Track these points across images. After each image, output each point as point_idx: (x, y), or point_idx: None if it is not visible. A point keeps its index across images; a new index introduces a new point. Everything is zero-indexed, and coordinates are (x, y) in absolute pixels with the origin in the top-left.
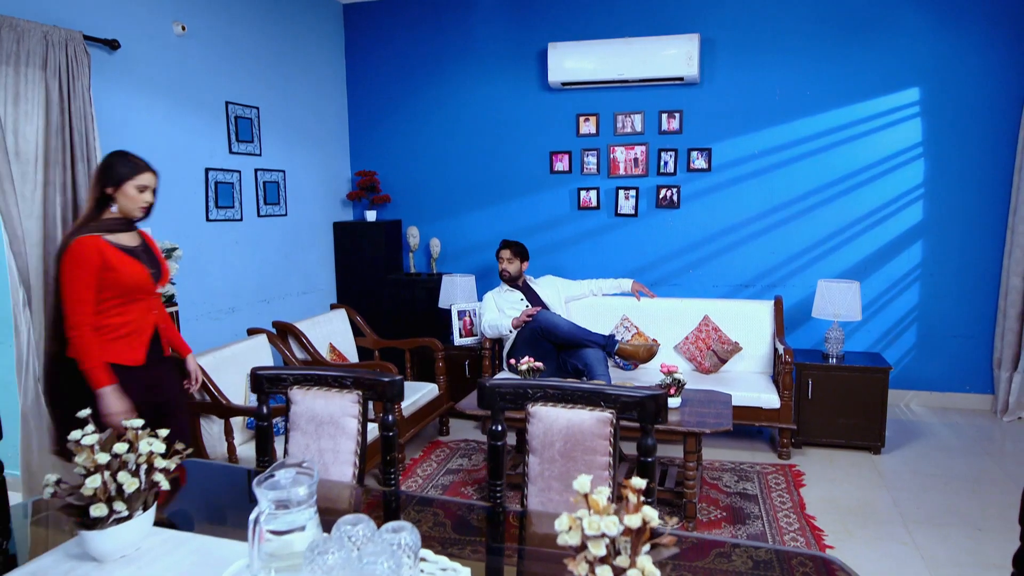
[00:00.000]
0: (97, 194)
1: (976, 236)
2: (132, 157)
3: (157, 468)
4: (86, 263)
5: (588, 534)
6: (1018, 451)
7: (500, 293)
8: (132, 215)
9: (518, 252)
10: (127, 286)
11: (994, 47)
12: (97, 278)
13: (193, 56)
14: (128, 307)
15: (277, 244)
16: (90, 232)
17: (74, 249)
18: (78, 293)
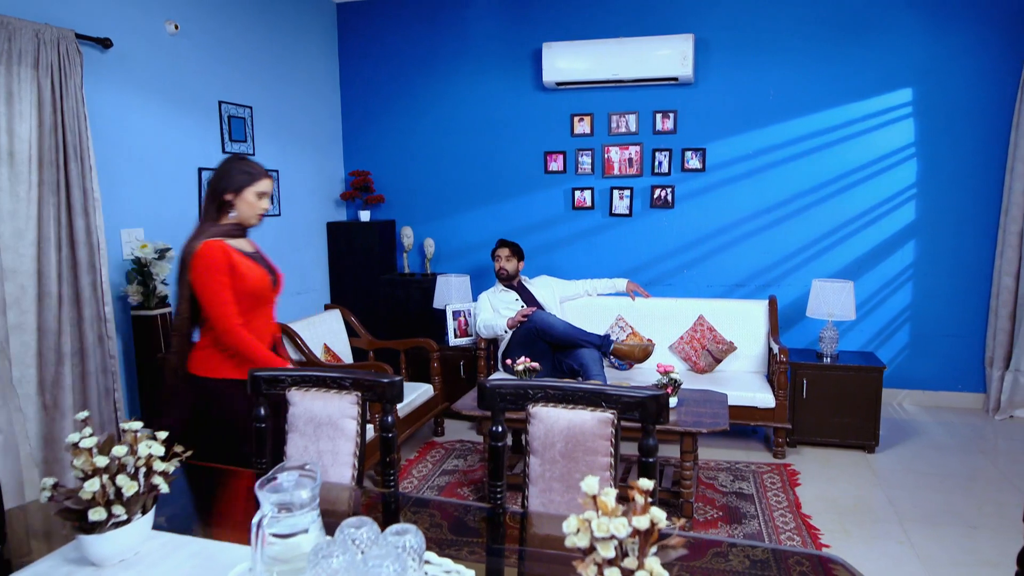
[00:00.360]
0: (217, 200)
1: (968, 236)
2: (250, 162)
3: (156, 471)
4: (218, 265)
5: (597, 536)
6: (1010, 449)
7: (495, 293)
8: (249, 222)
9: (516, 251)
10: (252, 292)
11: (986, 48)
12: (230, 281)
13: (186, 55)
14: (250, 315)
15: (271, 244)
16: (212, 237)
17: (204, 253)
18: (219, 295)
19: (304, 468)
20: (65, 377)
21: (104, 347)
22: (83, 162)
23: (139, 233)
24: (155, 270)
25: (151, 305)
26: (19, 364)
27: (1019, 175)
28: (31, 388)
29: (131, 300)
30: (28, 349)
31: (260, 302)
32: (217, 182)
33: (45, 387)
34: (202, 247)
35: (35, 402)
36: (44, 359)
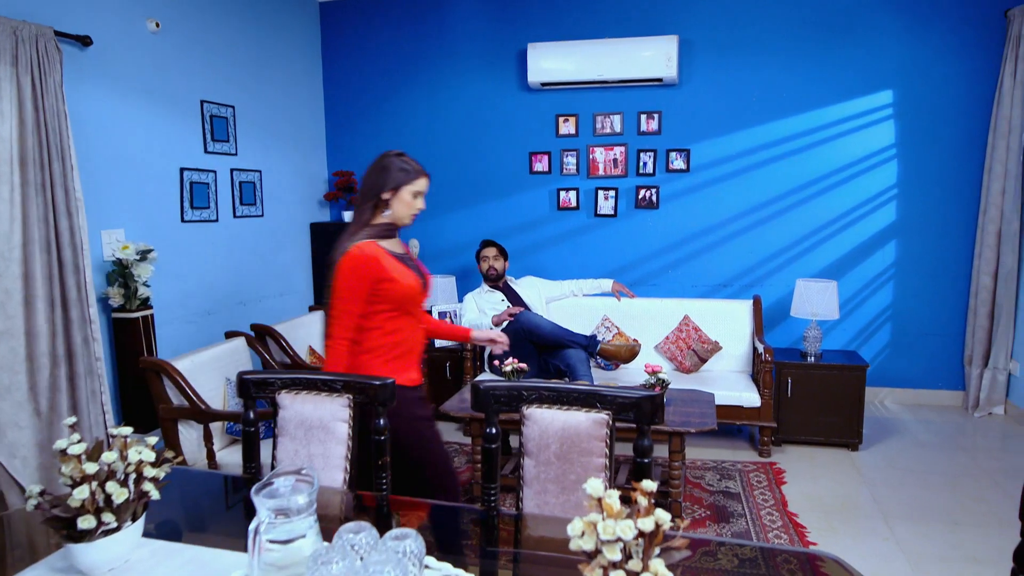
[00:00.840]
0: (373, 199)
1: (948, 236)
2: (408, 159)
3: (146, 477)
4: (364, 273)
5: (603, 539)
6: (990, 446)
7: (481, 294)
8: (403, 222)
9: (502, 251)
10: (402, 298)
11: (965, 51)
12: (371, 290)
13: (167, 54)
14: (400, 321)
15: (253, 245)
16: (366, 239)
17: (354, 256)
18: (347, 304)
19: (300, 473)
20: (60, 380)
21: (90, 349)
22: (64, 162)
23: (120, 234)
24: (137, 271)
25: (132, 307)
26: (7, 370)
27: (997, 176)
28: (22, 395)
29: (112, 302)
30: (16, 355)
31: (409, 307)
32: (374, 179)
33: (38, 392)
34: (353, 249)
35: (27, 408)
36: (35, 364)
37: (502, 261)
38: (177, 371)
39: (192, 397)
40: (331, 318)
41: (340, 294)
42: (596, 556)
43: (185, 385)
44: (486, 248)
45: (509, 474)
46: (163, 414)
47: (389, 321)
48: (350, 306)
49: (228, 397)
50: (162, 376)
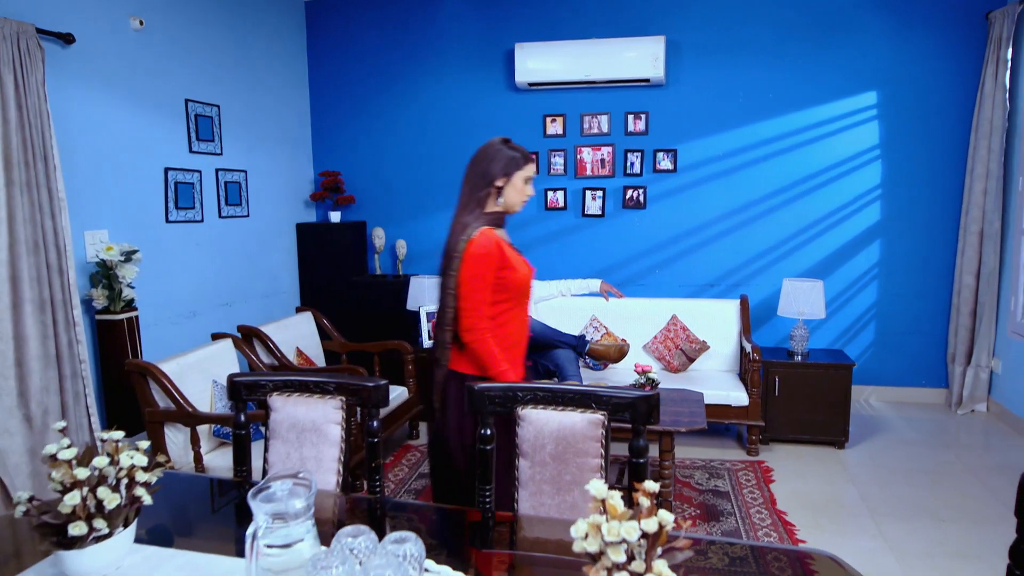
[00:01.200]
0: (485, 187)
1: (930, 236)
2: (516, 145)
3: (138, 482)
4: (490, 259)
5: (608, 540)
6: (973, 443)
7: None
8: (514, 209)
9: None
10: (518, 288)
11: (948, 53)
12: (495, 277)
13: (151, 52)
14: (516, 311)
15: (239, 246)
16: (484, 226)
17: (480, 242)
18: (479, 292)
19: (297, 476)
20: (51, 385)
21: (75, 352)
22: (47, 161)
23: (103, 235)
24: (121, 272)
25: (117, 309)
26: None
27: (979, 176)
28: (11, 400)
29: (96, 304)
30: (6, 359)
31: (524, 297)
32: (485, 166)
33: (29, 398)
34: (479, 236)
35: (17, 415)
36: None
37: None
38: (163, 373)
39: (179, 400)
40: (463, 311)
41: (471, 283)
42: (600, 558)
43: (172, 388)
44: None
45: None
46: (149, 417)
47: (503, 312)
48: (483, 294)
49: (215, 399)
50: (148, 379)
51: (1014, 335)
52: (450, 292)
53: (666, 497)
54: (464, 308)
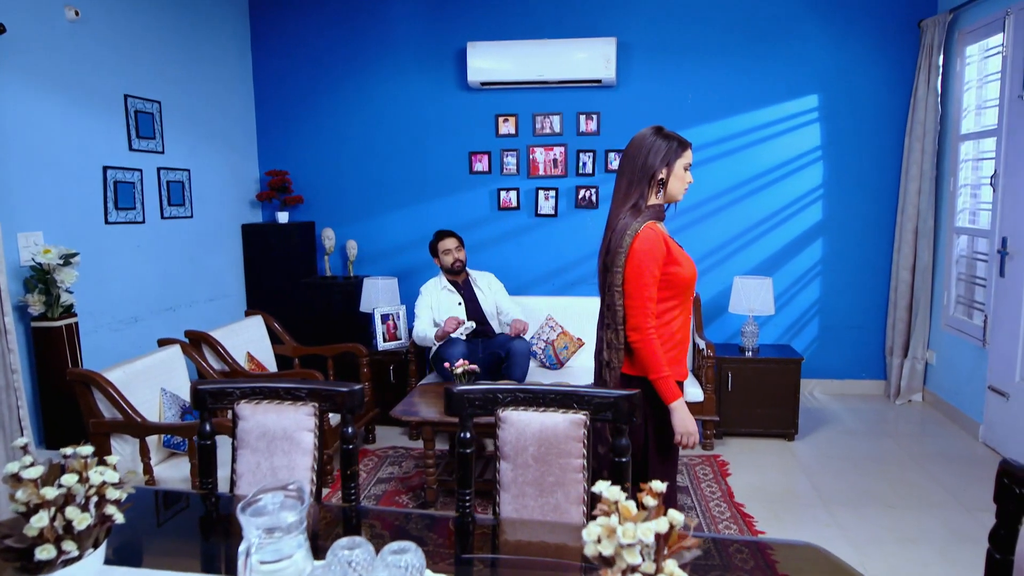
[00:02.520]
0: (648, 178)
1: (869, 234)
2: (670, 132)
3: (109, 500)
4: (656, 254)
5: (623, 542)
6: (911, 431)
7: (440, 291)
8: (677, 198)
9: (461, 240)
10: (685, 284)
11: (883, 59)
12: (661, 273)
13: (88, 44)
14: (678, 311)
15: (183, 248)
16: (649, 220)
17: (646, 237)
18: (647, 289)
19: (287, 488)
20: None
21: (7, 362)
22: None
23: (38, 237)
24: (59, 277)
25: (55, 315)
26: None
27: (913, 177)
28: None
29: (32, 310)
30: None
31: (689, 294)
32: (645, 157)
33: None
34: (644, 230)
35: None
36: None
37: (463, 251)
38: (109, 382)
39: (127, 410)
40: (630, 308)
41: (638, 280)
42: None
43: (119, 397)
44: (445, 239)
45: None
46: (94, 429)
47: (668, 311)
48: (651, 291)
49: (164, 408)
50: (92, 388)
51: (947, 328)
52: (617, 290)
53: None
54: (630, 306)
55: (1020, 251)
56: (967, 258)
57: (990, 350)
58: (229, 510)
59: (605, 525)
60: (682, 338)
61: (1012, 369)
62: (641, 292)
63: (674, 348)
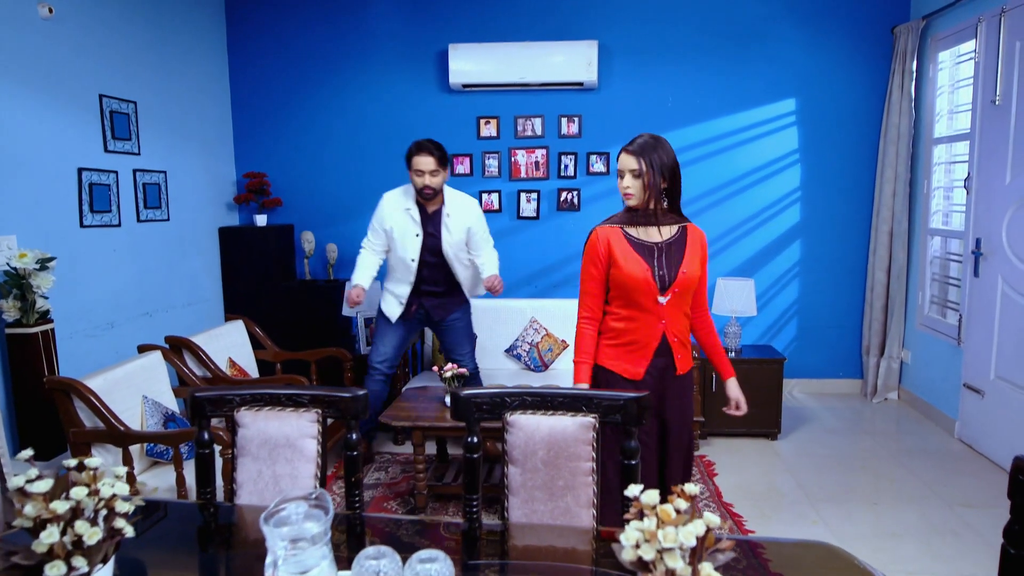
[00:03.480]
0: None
1: (845, 236)
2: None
3: (118, 513)
4: (591, 254)
5: (665, 547)
6: (889, 429)
7: (401, 212)
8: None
9: (443, 159)
10: (626, 287)
11: (859, 64)
12: (603, 272)
13: (62, 42)
14: (626, 311)
15: (159, 252)
16: (613, 223)
17: (588, 239)
18: (584, 284)
19: (311, 498)
20: None
21: None
22: None
23: (11, 241)
24: (36, 282)
25: (30, 321)
26: None
27: (888, 179)
28: None
29: (7, 316)
30: None
31: (637, 297)
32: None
33: None
34: (591, 233)
35: None
36: None
37: (441, 175)
38: (90, 390)
39: (109, 418)
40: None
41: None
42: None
43: (100, 405)
44: (420, 156)
45: (451, 482)
46: (74, 438)
47: (614, 310)
48: (587, 286)
49: (146, 416)
50: (72, 397)
51: (922, 327)
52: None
53: None
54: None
55: (994, 252)
56: (940, 259)
57: (965, 349)
58: (229, 520)
59: (644, 529)
60: (632, 340)
61: (987, 367)
62: (581, 285)
63: (620, 346)
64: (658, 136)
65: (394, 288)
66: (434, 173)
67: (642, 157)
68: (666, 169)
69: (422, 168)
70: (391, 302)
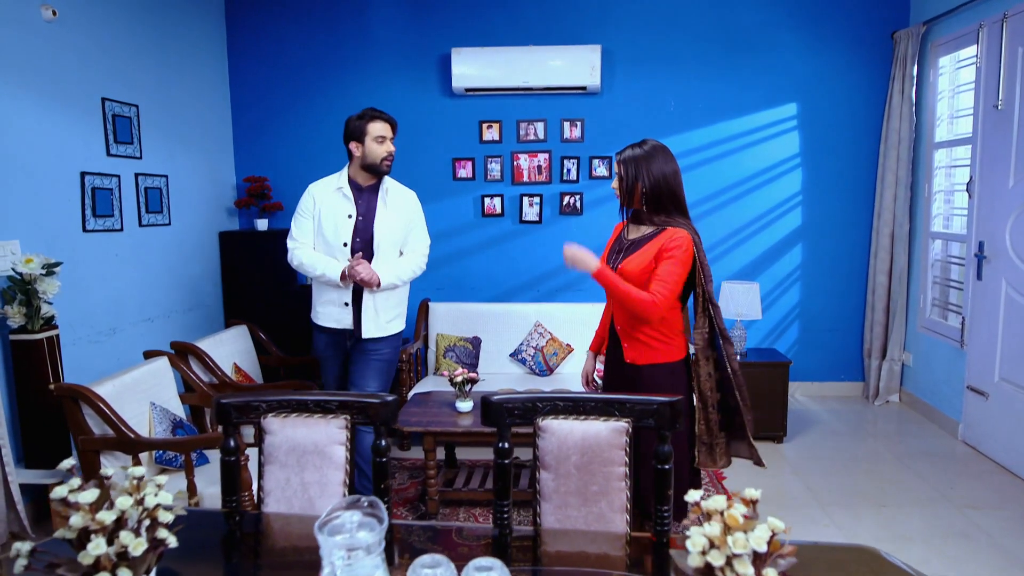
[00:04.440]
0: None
1: (846, 239)
2: None
3: (161, 523)
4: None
5: (735, 552)
6: (893, 431)
7: (332, 192)
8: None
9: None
10: None
11: (859, 69)
12: None
13: (65, 45)
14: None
15: (161, 257)
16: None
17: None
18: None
19: (363, 505)
20: None
21: None
22: None
23: (15, 246)
24: (41, 287)
25: (35, 328)
26: None
27: (889, 183)
28: None
29: (11, 322)
30: None
31: None
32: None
33: None
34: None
35: None
36: None
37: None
38: (100, 397)
39: (119, 426)
40: None
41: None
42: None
43: (110, 412)
44: (380, 120)
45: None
46: (83, 446)
47: None
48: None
49: (154, 423)
50: (80, 404)
51: (923, 330)
52: None
53: None
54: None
55: (997, 255)
56: (941, 262)
57: (968, 351)
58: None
59: (710, 535)
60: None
61: (991, 369)
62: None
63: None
64: (654, 145)
65: (326, 294)
66: (392, 142)
67: (622, 163)
68: (647, 176)
69: (384, 134)
70: (330, 311)
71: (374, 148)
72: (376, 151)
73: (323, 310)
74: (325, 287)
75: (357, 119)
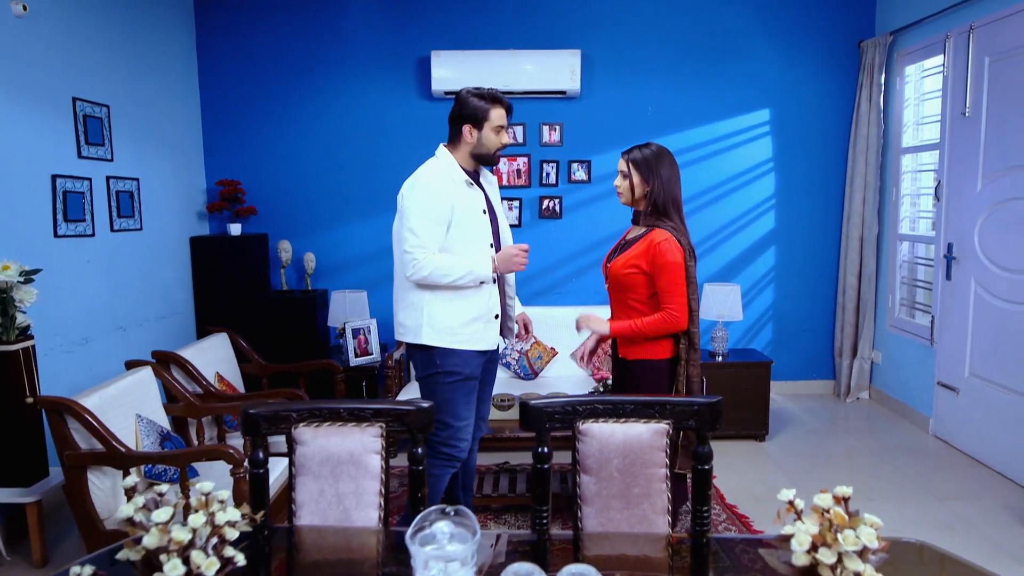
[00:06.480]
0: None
1: (817, 242)
2: None
3: (227, 540)
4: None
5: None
6: (866, 427)
7: (460, 185)
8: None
9: None
10: None
11: (828, 76)
12: None
13: (36, 41)
14: None
15: (133, 263)
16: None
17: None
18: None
19: (453, 515)
20: None
21: None
22: None
23: None
24: (18, 296)
25: (11, 338)
26: None
27: (858, 187)
28: None
29: None
30: None
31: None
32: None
33: None
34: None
35: None
36: None
37: None
38: (86, 409)
39: (109, 439)
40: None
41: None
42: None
43: (99, 426)
44: (499, 107)
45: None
46: (69, 461)
47: None
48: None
49: (141, 436)
50: (65, 417)
51: (892, 329)
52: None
53: None
54: None
55: (966, 256)
56: (909, 263)
57: (938, 348)
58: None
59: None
60: None
61: (961, 365)
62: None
63: None
64: (660, 148)
65: (474, 308)
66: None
67: (632, 163)
68: (656, 177)
69: (503, 124)
70: (477, 331)
71: (491, 137)
72: (493, 141)
73: (471, 329)
74: (464, 300)
75: (477, 98)
